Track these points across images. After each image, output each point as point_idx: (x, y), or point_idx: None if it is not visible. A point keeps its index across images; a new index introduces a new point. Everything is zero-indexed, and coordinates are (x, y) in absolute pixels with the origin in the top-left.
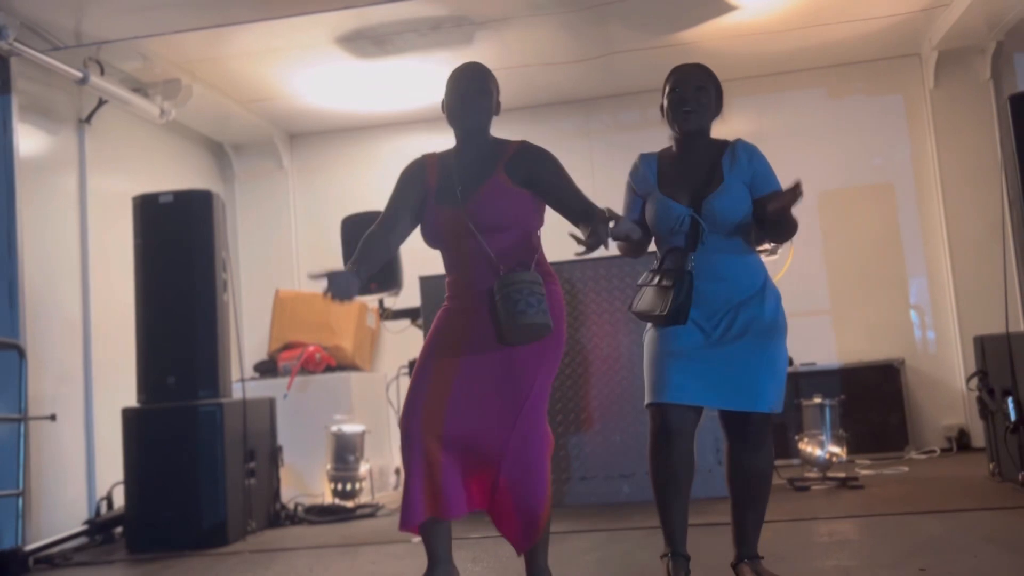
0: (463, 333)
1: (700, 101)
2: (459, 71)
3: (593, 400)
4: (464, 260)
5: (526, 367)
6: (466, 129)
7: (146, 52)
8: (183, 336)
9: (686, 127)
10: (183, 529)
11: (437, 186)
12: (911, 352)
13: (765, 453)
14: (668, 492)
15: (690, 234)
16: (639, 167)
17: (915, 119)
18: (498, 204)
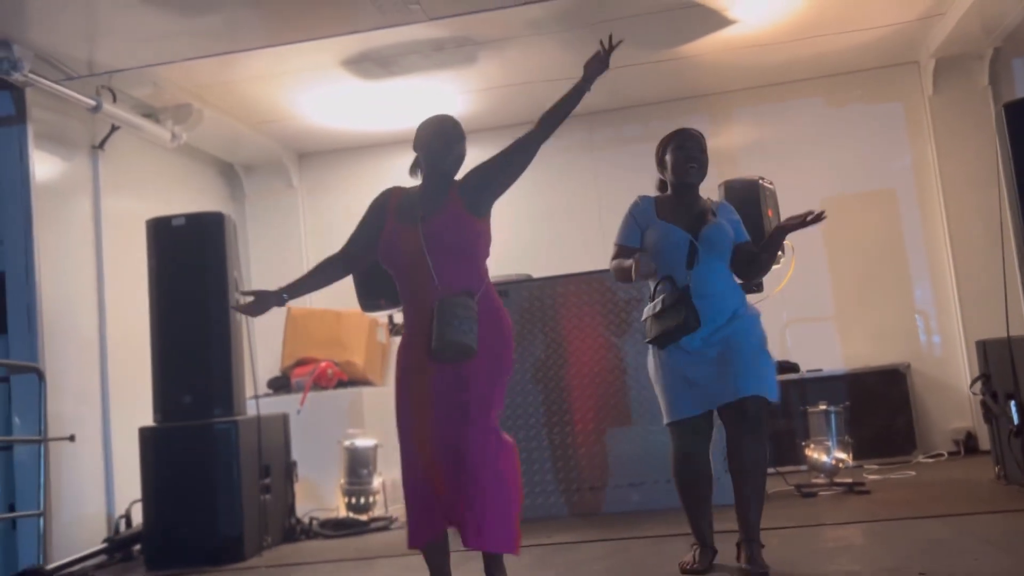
0: (426, 352)
1: (701, 160)
2: (441, 121)
3: (600, 411)
4: (418, 284)
5: (484, 379)
6: (442, 171)
7: (157, 79)
8: (197, 355)
9: (689, 179)
10: (200, 545)
11: (397, 209)
12: (917, 356)
13: (761, 439)
14: (692, 499)
15: (689, 255)
16: (640, 203)
17: (915, 126)
18: (452, 228)
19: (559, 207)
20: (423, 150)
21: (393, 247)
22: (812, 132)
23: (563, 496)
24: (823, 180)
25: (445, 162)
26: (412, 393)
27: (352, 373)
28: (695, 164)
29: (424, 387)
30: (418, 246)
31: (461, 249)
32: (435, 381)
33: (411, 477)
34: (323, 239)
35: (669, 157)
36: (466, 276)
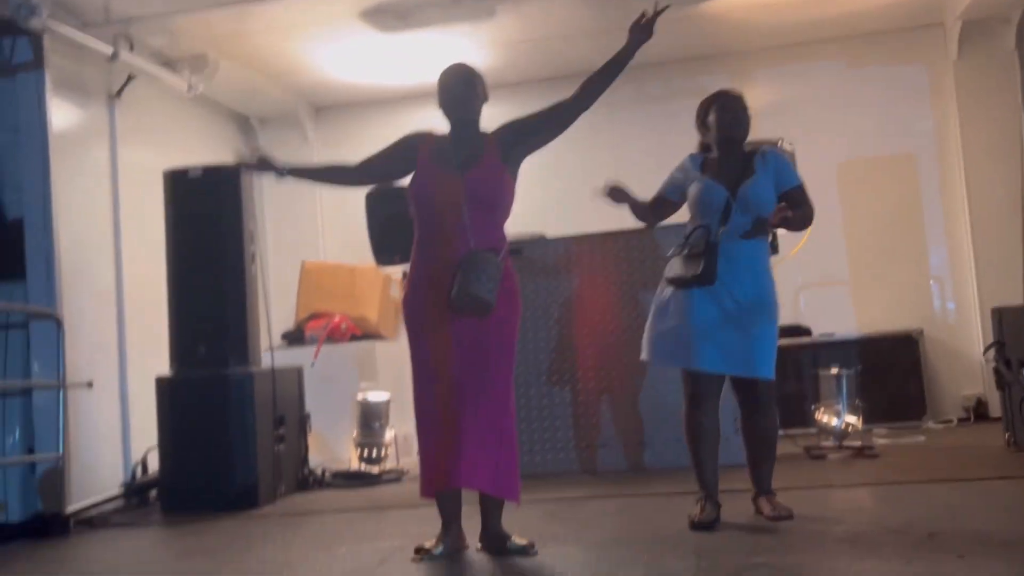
0: (446, 305)
1: (745, 117)
2: (456, 67)
3: (612, 369)
4: (446, 234)
5: (502, 329)
6: (468, 118)
7: (174, 28)
8: (213, 307)
9: (734, 133)
10: (215, 492)
11: (432, 155)
12: (930, 322)
13: (773, 413)
14: (701, 448)
15: (723, 212)
16: (688, 161)
17: (937, 90)
18: (493, 181)
19: (575, 166)
20: (445, 100)
21: (428, 192)
22: (833, 94)
23: (574, 452)
24: (842, 143)
25: (468, 108)
26: (432, 344)
27: (365, 327)
28: (740, 120)
29: (446, 338)
30: (457, 196)
31: (495, 203)
32: (456, 332)
33: (429, 428)
34: (338, 193)
35: (713, 117)
36: (494, 231)
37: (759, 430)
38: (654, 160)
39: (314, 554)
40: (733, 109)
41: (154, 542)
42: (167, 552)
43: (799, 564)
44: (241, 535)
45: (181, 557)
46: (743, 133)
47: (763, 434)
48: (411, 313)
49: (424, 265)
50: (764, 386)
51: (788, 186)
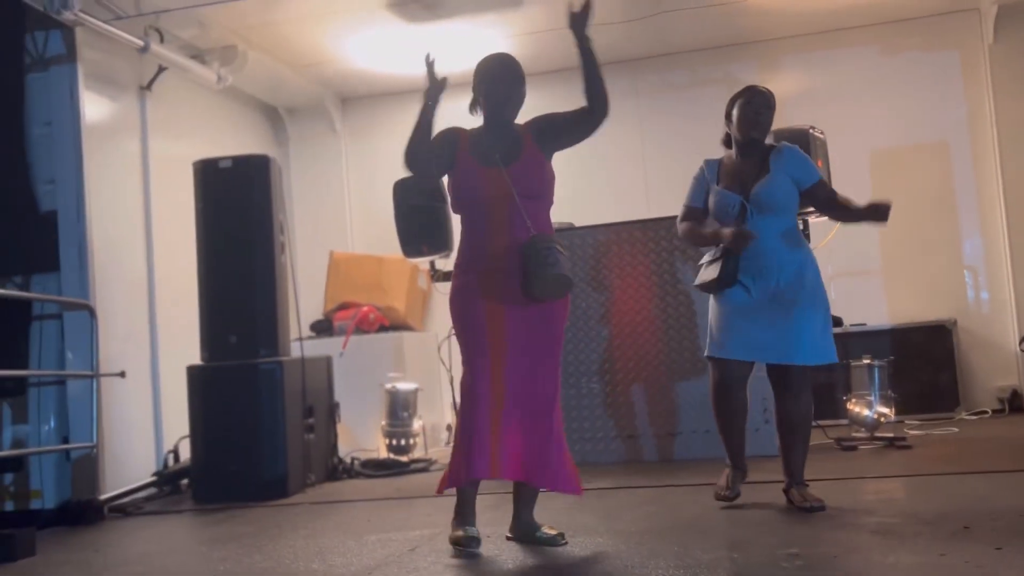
0: (504, 293)
1: (764, 119)
2: (502, 64)
3: (641, 361)
4: (496, 226)
5: (555, 321)
6: (503, 116)
7: (203, 19)
8: (244, 297)
9: (751, 134)
10: (246, 481)
11: (471, 149)
12: (963, 313)
13: (805, 400)
14: (729, 428)
15: (739, 216)
16: (705, 168)
17: (972, 76)
18: (535, 173)
19: (603, 155)
20: (484, 94)
21: (473, 187)
22: (864, 81)
23: (602, 443)
24: (875, 130)
25: (506, 109)
26: (488, 335)
27: (393, 318)
28: (758, 122)
29: (500, 330)
30: (504, 189)
31: (541, 193)
32: (512, 321)
33: (476, 417)
34: (366, 184)
35: (736, 112)
36: (545, 219)
37: (789, 416)
38: (680, 148)
39: (344, 542)
40: (756, 108)
41: (185, 530)
42: (198, 539)
43: (831, 555)
44: (271, 523)
45: (212, 544)
46: (760, 134)
47: (794, 420)
48: (463, 304)
49: (475, 258)
50: (797, 372)
51: (810, 183)
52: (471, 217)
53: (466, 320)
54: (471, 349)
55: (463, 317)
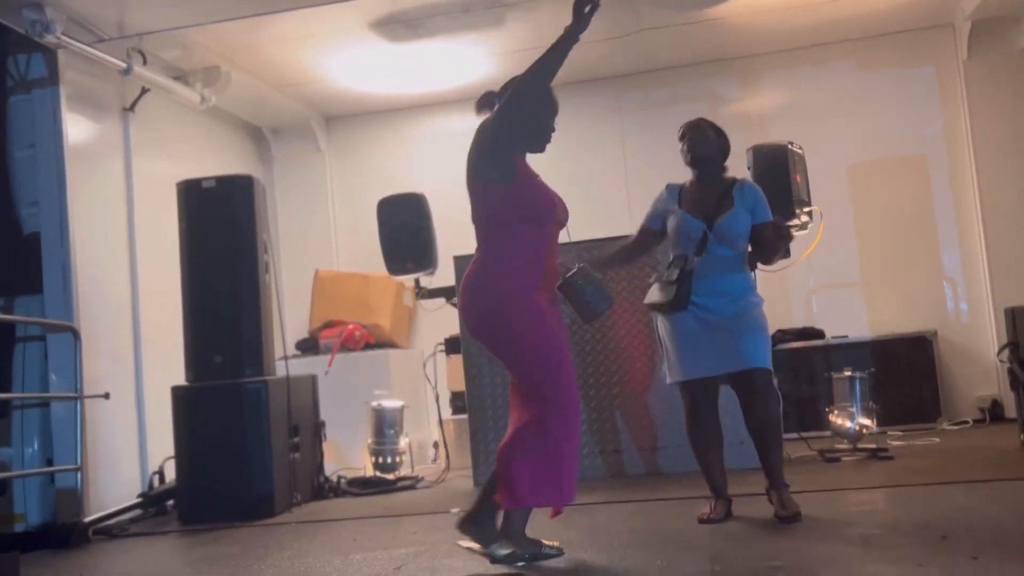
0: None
1: (698, 139)
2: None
3: (624, 375)
4: (556, 247)
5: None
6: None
7: (186, 41)
8: (228, 316)
9: (697, 153)
10: (232, 502)
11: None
12: (944, 324)
13: (772, 403)
14: (705, 457)
15: (699, 244)
16: (664, 193)
17: (948, 90)
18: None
19: (586, 171)
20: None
21: (552, 203)
22: (843, 96)
23: (587, 459)
24: (853, 145)
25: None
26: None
27: (379, 336)
28: (697, 142)
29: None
30: (566, 213)
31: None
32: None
33: (575, 424)
34: (350, 202)
35: (681, 145)
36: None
37: (759, 421)
38: (662, 165)
39: (330, 561)
40: (690, 135)
41: (171, 551)
42: (184, 561)
43: (812, 567)
44: (257, 543)
45: (198, 566)
46: (704, 152)
47: (764, 425)
48: (549, 322)
49: (542, 276)
50: (759, 376)
51: (760, 220)
52: (539, 235)
53: (555, 337)
54: (564, 367)
55: (553, 334)
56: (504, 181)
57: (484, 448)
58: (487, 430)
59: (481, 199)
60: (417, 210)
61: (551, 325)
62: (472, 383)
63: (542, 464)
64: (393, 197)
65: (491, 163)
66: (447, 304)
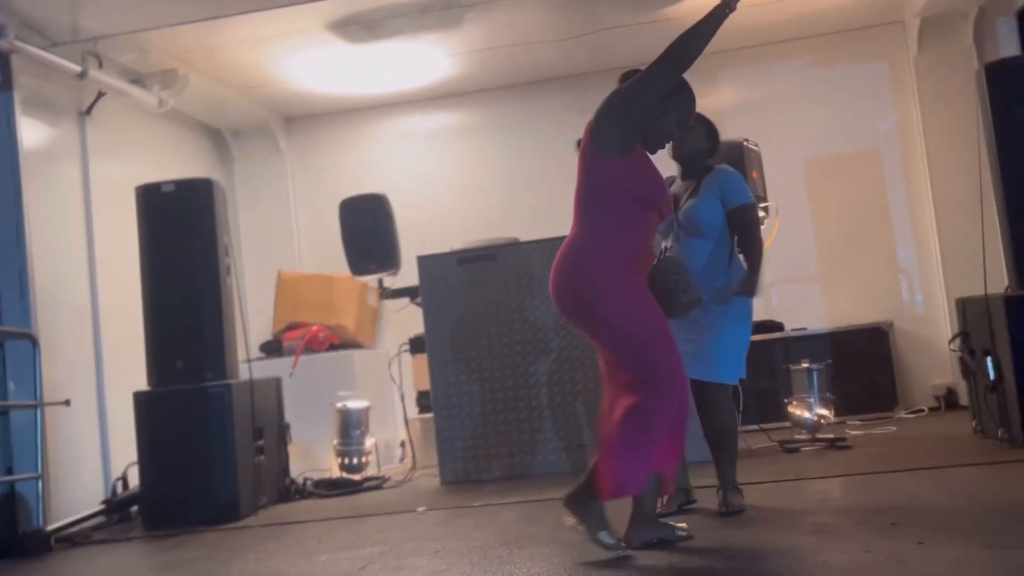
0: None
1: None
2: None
3: (592, 370)
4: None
5: None
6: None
7: (142, 44)
8: (189, 320)
9: (676, 154)
10: (197, 506)
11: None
12: (899, 315)
13: (725, 411)
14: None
15: (671, 235)
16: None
17: (900, 86)
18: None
19: (548, 170)
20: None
21: (662, 187)
22: (799, 93)
23: (552, 454)
24: (809, 141)
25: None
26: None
27: (343, 337)
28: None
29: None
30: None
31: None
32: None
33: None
34: (312, 203)
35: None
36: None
37: (713, 429)
38: None
39: (295, 563)
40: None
41: (135, 557)
42: (148, 567)
43: (765, 555)
44: (222, 547)
45: (162, 571)
46: (683, 153)
47: (718, 432)
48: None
49: (640, 260)
50: (716, 387)
51: (732, 205)
52: (644, 217)
53: (659, 317)
54: (671, 347)
55: (657, 314)
56: (621, 155)
57: (450, 446)
58: (453, 428)
59: (593, 172)
60: (379, 211)
61: (654, 306)
62: (437, 381)
63: (643, 452)
64: (355, 198)
65: (613, 134)
66: (411, 304)
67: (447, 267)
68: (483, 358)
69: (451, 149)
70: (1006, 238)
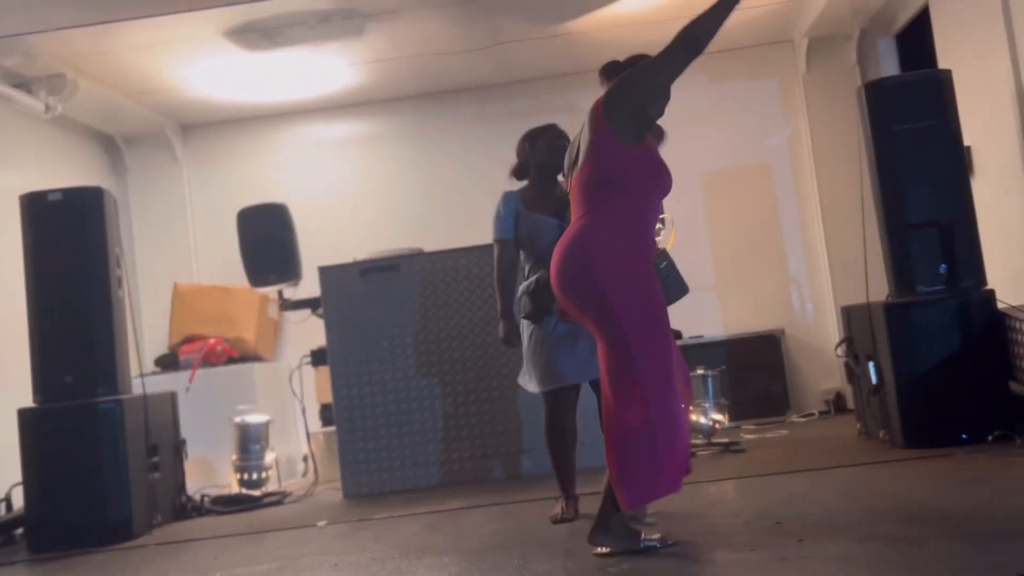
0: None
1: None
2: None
3: (492, 381)
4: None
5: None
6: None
7: (28, 48)
8: (79, 334)
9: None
10: (87, 527)
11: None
12: (791, 322)
13: None
14: (561, 457)
15: (554, 241)
16: (508, 199)
17: (790, 102)
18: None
19: (451, 180)
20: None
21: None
22: (696, 108)
23: (457, 464)
24: (706, 154)
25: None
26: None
27: (243, 349)
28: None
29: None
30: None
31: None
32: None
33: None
34: (210, 213)
35: (544, 146)
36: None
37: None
38: None
39: None
40: (559, 144)
41: None
42: None
43: (657, 557)
44: (113, 568)
45: None
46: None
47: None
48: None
49: (646, 247)
50: None
51: None
52: (653, 205)
53: (662, 311)
54: (670, 343)
55: (660, 307)
56: (638, 140)
57: (353, 459)
58: (356, 441)
59: (609, 158)
60: (279, 221)
61: (658, 297)
62: (340, 394)
63: (652, 459)
64: (253, 208)
65: (629, 120)
66: (313, 315)
67: (349, 278)
68: (386, 370)
69: (354, 159)
70: (885, 249)
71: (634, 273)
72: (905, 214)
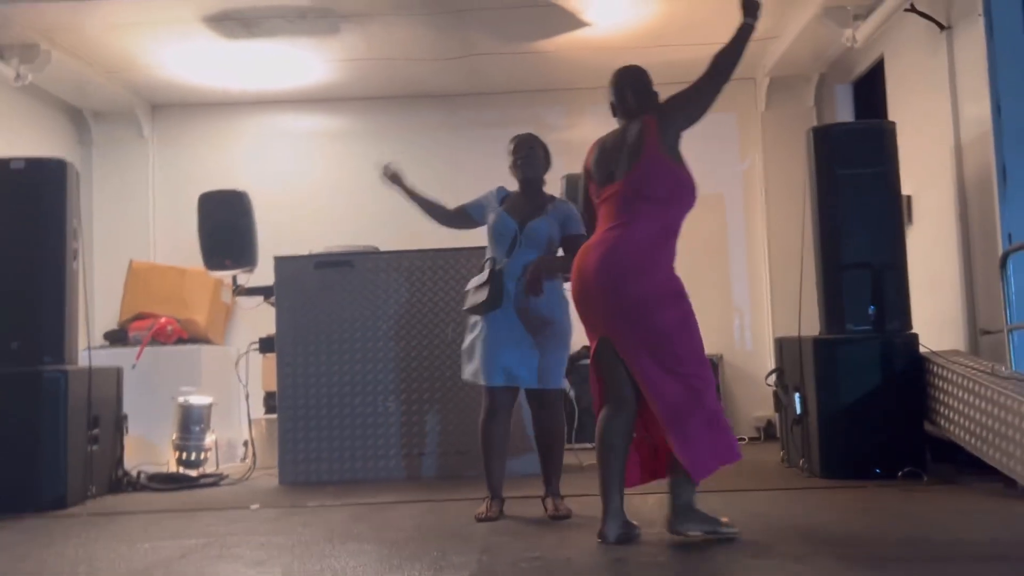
0: None
1: (531, 157)
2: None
3: (436, 381)
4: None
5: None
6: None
7: (3, 16)
8: (28, 302)
9: (527, 174)
10: (21, 492)
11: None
12: (729, 349)
13: (559, 417)
14: (492, 454)
15: (511, 244)
16: (494, 191)
17: (747, 137)
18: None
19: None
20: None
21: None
22: None
23: (393, 460)
24: None
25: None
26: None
27: (193, 331)
28: (531, 162)
29: None
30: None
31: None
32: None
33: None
34: (172, 194)
35: (511, 159)
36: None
37: (547, 432)
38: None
39: (116, 549)
40: (525, 155)
41: None
42: None
43: (567, 558)
44: (42, 534)
45: None
46: (535, 172)
47: (548, 430)
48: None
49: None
50: (552, 396)
51: (566, 233)
52: (682, 219)
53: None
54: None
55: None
56: (681, 159)
57: (292, 447)
58: (297, 429)
59: (658, 174)
60: (239, 208)
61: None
62: (284, 382)
63: (712, 428)
64: (215, 193)
65: (676, 141)
66: (265, 303)
67: (304, 270)
68: (332, 363)
69: (320, 153)
70: (820, 286)
71: (670, 278)
72: (840, 254)
